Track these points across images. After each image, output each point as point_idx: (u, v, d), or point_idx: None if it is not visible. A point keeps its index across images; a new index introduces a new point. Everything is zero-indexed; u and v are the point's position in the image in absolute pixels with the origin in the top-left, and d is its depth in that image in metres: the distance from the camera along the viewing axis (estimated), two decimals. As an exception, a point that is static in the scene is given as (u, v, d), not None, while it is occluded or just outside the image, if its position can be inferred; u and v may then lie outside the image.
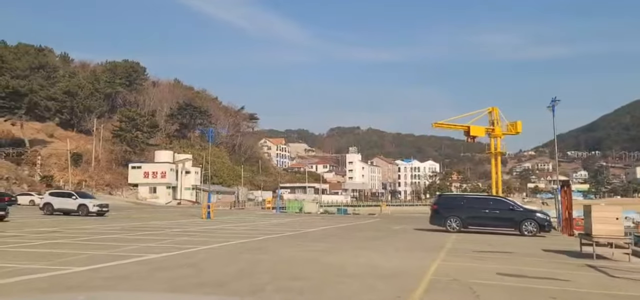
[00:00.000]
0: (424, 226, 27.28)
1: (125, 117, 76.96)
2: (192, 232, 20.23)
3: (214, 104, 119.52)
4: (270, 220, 33.16)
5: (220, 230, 22.13)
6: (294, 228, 24.45)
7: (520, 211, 22.11)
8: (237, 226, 25.42)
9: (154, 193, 73.70)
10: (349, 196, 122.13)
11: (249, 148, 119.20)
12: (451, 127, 53.68)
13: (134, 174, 73.92)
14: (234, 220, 32.41)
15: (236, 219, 34.37)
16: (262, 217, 38.63)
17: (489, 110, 54.62)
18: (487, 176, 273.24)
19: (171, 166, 75.78)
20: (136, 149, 77.64)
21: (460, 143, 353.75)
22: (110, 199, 69.27)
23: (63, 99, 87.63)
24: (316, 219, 37.57)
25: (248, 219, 33.73)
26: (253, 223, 28.55)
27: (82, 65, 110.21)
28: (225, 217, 36.40)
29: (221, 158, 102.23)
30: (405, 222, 34.25)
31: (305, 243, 16.05)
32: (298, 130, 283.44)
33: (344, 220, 35.01)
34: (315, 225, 27.81)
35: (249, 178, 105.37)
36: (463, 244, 16.79)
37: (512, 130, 54.71)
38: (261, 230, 22.36)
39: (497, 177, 54.97)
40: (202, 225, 24.98)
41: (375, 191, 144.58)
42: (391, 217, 43.91)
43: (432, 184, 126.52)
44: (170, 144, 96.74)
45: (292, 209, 53.58)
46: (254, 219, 34.83)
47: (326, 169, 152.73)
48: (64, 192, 35.47)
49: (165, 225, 24.82)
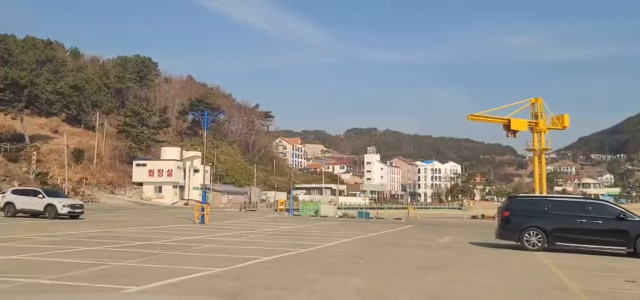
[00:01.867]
0: (479, 238, 20.21)
1: (131, 112, 71.12)
2: (158, 249, 13.56)
3: (228, 101, 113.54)
4: (279, 226, 26.41)
5: (202, 244, 15.44)
6: (306, 241, 17.68)
7: (636, 221, 14.91)
8: (232, 237, 18.71)
9: (159, 192, 67.68)
10: (368, 198, 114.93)
11: (263, 147, 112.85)
12: (488, 120, 46.35)
13: (139, 172, 67.97)
14: (234, 226, 25.77)
15: (237, 224, 27.71)
16: (270, 221, 31.94)
17: (531, 101, 47.21)
18: (508, 179, 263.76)
19: (178, 164, 69.63)
20: (142, 145, 71.76)
21: (480, 145, 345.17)
22: (112, 198, 63.46)
23: (70, 93, 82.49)
24: (334, 225, 30.69)
25: (252, 225, 27.07)
26: (255, 232, 21.87)
27: (93, 60, 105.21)
28: (225, 221, 29.78)
29: (233, 156, 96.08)
30: (446, 230, 27.17)
31: (321, 277, 9.20)
32: (314, 131, 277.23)
33: (368, 227, 28.07)
34: (334, 234, 20.98)
35: (262, 178, 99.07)
36: (594, 279, 9.85)
37: (558, 125, 47.23)
38: (260, 245, 15.61)
39: (540, 179, 47.43)
40: (186, 234, 18.36)
41: (395, 193, 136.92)
42: (423, 223, 36.74)
43: (454, 186, 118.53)
44: (181, 142, 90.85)
45: (306, 212, 46.76)
46: (260, 224, 28.15)
47: (343, 169, 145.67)
48: (28, 189, 29.25)
49: (139, 233, 18.27)
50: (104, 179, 65.83)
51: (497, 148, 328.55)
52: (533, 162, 46.77)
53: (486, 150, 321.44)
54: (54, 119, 79.86)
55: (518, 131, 46.37)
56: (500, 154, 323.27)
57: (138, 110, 71.22)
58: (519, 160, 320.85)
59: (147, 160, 69.07)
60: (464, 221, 43.84)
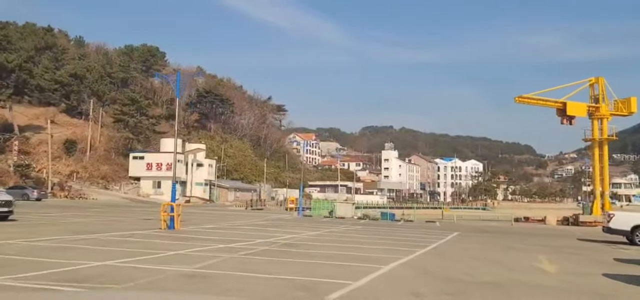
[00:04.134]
0: (600, 264, 11.95)
1: (128, 99, 63.77)
2: None
3: (239, 93, 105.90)
4: (279, 234, 18.37)
5: (118, 275, 7.48)
6: (314, 268, 9.65)
7: None
8: (188, 262, 10.73)
9: (158, 188, 60.27)
10: (385, 196, 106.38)
11: (276, 141, 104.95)
12: (540, 103, 37.61)
13: (136, 165, 60.64)
14: (217, 233, 17.85)
15: (224, 230, 19.81)
16: (273, 224, 23.98)
17: (591, 81, 38.39)
18: (527, 179, 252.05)
19: (179, 157, 62.07)
20: (140, 136, 64.36)
21: (498, 144, 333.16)
22: (104, 194, 56.21)
23: (69, 82, 75.77)
24: (355, 231, 22.54)
25: (245, 231, 19.14)
26: (241, 244, 13.88)
27: (98, 49, 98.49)
28: (209, 226, 21.92)
29: (243, 151, 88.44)
30: (513, 240, 18.82)
31: None
32: (329, 129, 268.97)
33: (402, 236, 19.88)
34: (357, 251, 12.83)
35: (274, 174, 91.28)
36: None
37: (623, 110, 38.32)
38: (221, 284, 7.60)
39: (602, 174, 38.54)
40: (115, 255, 10.44)
41: (413, 192, 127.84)
42: (466, 228, 28.31)
43: (478, 185, 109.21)
44: (188, 135, 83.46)
45: (319, 212, 38.59)
46: (257, 230, 20.20)
47: (359, 166, 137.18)
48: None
49: (44, 249, 10.42)
50: (97, 173, 58.70)
51: (516, 147, 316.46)
52: (593, 154, 37.90)
53: (504, 149, 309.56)
54: (50, 109, 73.05)
55: (575, 117, 37.77)
56: (518, 153, 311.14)
57: (136, 98, 63.80)
58: (538, 160, 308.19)
59: (145, 153, 61.69)
60: (512, 226, 35.20)
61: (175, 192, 20.50)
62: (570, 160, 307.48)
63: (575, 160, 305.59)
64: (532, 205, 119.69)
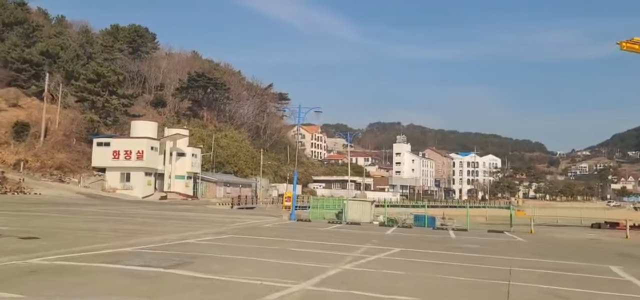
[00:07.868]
0: None
1: (94, 74, 51.39)
2: None
3: (236, 79, 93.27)
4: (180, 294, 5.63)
5: None
6: None
7: None
8: None
9: (127, 182, 47.88)
10: (398, 193, 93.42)
11: (276, 132, 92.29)
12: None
13: (100, 153, 48.24)
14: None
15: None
16: (217, 242, 11.41)
17: None
18: (540, 176, 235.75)
19: (155, 144, 49.61)
20: (108, 119, 51.99)
21: (508, 141, 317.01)
22: (56, 188, 43.73)
23: (39, 61, 63.72)
24: (411, 263, 9.66)
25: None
26: None
27: (81, 29, 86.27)
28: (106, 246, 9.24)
29: (239, 141, 75.89)
30: None
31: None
32: (336, 125, 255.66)
33: (511, 264, 7.08)
34: None
35: (274, 167, 78.74)
36: None
37: None
38: None
39: None
40: None
41: (427, 188, 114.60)
42: (573, 244, 15.33)
43: (500, 182, 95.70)
44: (178, 123, 70.80)
45: (317, 217, 25.80)
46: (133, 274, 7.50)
47: (368, 161, 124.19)
48: None
49: None
50: (51, 162, 46.36)
51: (526, 144, 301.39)
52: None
53: (514, 146, 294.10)
54: (11, 90, 61.02)
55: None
56: (529, 150, 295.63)
57: (103, 73, 51.33)
58: (549, 157, 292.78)
59: (112, 138, 49.29)
60: (628, 240, 21.87)
61: None
62: (583, 158, 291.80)
63: (589, 157, 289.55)
64: (557, 204, 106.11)
